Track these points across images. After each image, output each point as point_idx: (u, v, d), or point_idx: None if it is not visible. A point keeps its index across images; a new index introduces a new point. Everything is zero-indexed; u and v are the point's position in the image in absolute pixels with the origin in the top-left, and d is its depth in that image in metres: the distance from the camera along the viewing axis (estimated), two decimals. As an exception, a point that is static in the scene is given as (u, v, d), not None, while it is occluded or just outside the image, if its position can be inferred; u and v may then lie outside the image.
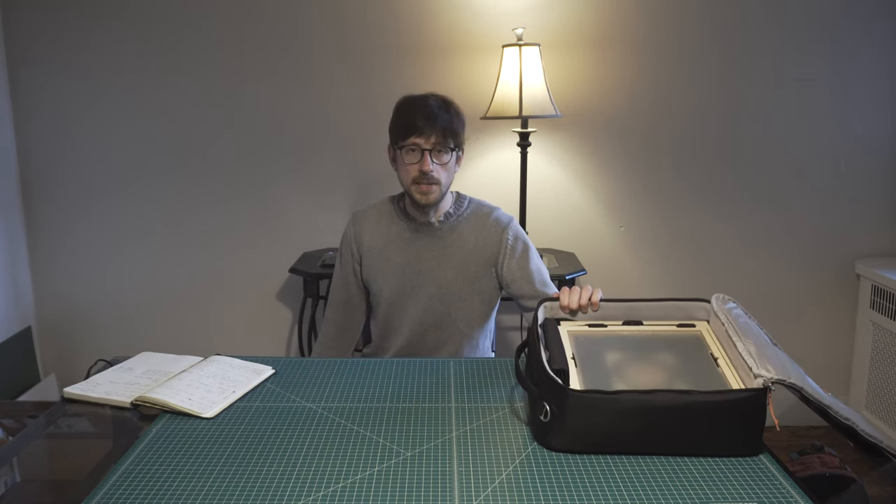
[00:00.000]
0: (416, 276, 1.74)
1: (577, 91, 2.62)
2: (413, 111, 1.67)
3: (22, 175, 2.70)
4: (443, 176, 1.67)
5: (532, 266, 1.74)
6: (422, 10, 2.58)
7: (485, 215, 1.77)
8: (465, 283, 1.74)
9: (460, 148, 1.72)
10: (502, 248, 1.73)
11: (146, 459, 1.10)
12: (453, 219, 1.75)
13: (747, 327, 1.22)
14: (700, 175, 2.69)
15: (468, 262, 1.73)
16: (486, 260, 1.74)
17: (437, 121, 1.65)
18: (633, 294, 2.76)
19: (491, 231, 1.74)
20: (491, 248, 1.73)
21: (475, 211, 1.78)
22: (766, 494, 0.98)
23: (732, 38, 2.59)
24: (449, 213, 1.75)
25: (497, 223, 1.75)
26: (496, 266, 1.74)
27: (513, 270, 1.73)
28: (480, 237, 1.74)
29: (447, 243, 1.74)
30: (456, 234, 1.74)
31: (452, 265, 1.74)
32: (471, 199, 1.80)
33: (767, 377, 1.06)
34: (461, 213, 1.76)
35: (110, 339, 2.80)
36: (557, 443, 1.10)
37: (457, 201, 1.78)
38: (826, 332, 2.79)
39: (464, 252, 1.74)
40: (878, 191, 2.68)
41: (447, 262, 1.74)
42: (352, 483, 1.02)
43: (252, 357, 1.52)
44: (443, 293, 1.74)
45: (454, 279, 1.74)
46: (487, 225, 1.75)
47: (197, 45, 2.61)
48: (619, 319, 1.37)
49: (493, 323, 1.87)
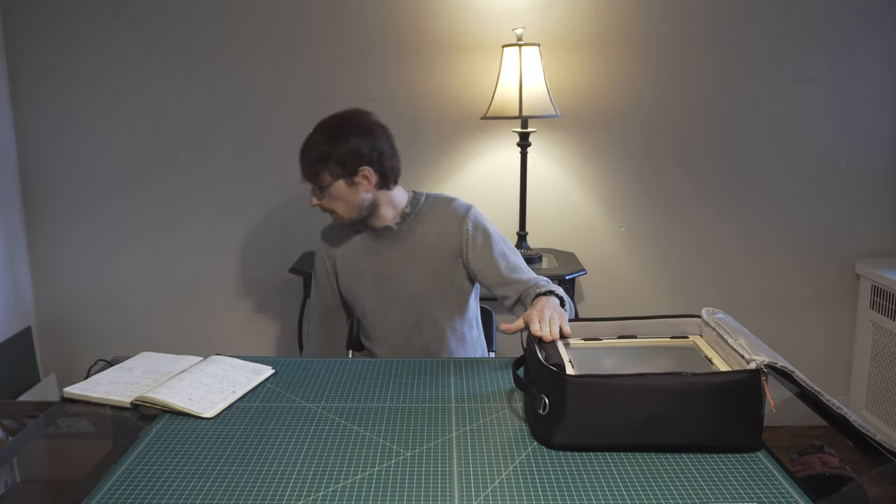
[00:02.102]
0: (388, 281, 1.75)
1: (577, 91, 2.62)
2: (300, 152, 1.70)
3: (22, 175, 2.70)
4: (335, 206, 1.69)
5: (496, 253, 1.73)
6: (422, 10, 2.58)
7: (443, 208, 1.76)
8: (435, 278, 1.74)
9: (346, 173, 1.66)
10: (463, 239, 1.72)
11: (146, 459, 1.10)
12: (411, 217, 1.75)
13: (738, 329, 1.24)
14: (700, 175, 2.69)
15: (433, 257, 1.74)
16: (450, 253, 1.73)
17: (303, 161, 1.67)
18: (633, 294, 2.77)
19: (451, 223, 1.73)
20: (453, 241, 1.73)
21: (433, 206, 1.77)
22: (765, 494, 0.98)
23: (732, 37, 2.59)
24: (406, 213, 1.75)
25: (455, 214, 1.74)
26: (462, 258, 1.74)
27: (478, 260, 1.72)
28: (441, 231, 1.74)
29: (410, 243, 1.75)
30: (417, 232, 1.75)
31: (419, 263, 1.74)
32: (427, 195, 1.80)
33: (760, 360, 1.08)
34: (419, 209, 1.76)
35: (110, 339, 2.80)
36: (557, 437, 1.10)
37: (413, 200, 1.78)
38: (826, 331, 2.79)
39: (428, 248, 1.74)
40: (878, 191, 2.68)
41: (414, 262, 1.74)
42: (352, 483, 1.02)
43: (252, 357, 1.52)
44: (416, 292, 1.75)
45: (424, 277, 1.74)
46: (447, 218, 1.74)
47: (197, 45, 2.61)
48: (614, 335, 1.38)
49: (474, 311, 1.85)
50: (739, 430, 1.09)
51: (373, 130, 1.68)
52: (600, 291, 2.77)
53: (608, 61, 2.61)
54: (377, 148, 1.67)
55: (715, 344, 1.28)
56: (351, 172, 1.66)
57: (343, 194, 1.68)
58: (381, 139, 1.69)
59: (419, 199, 1.78)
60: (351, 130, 1.66)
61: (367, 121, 1.70)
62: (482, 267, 1.72)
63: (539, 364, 1.15)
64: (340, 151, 1.64)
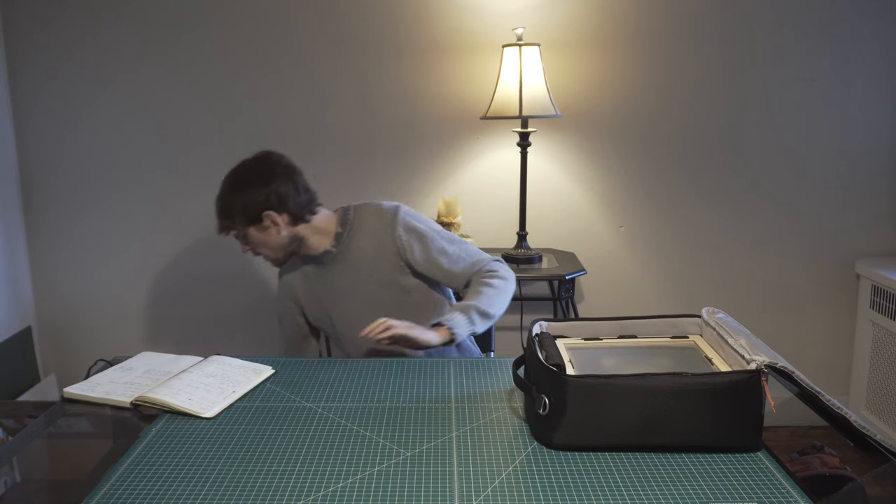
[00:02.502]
0: (346, 301, 1.77)
1: (577, 91, 2.62)
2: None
3: (22, 175, 2.70)
4: (259, 249, 1.75)
5: (435, 253, 1.73)
6: (422, 10, 2.58)
7: (372, 219, 1.77)
8: (387, 287, 1.75)
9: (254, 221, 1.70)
10: (399, 246, 1.73)
11: (146, 459, 1.10)
12: (345, 236, 1.76)
13: (738, 329, 1.24)
14: (700, 175, 2.69)
15: (377, 269, 1.75)
16: (391, 262, 1.75)
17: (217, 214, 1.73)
18: (633, 294, 2.77)
19: (382, 233, 1.75)
20: (390, 250, 1.74)
21: (362, 218, 1.78)
22: (765, 494, 0.98)
23: (732, 37, 2.59)
24: (339, 233, 1.77)
25: (384, 222, 1.75)
26: (403, 262, 1.75)
27: (419, 263, 1.74)
28: (376, 242, 1.75)
29: (351, 261, 1.76)
30: (353, 248, 1.76)
31: (366, 278, 1.75)
32: (355, 208, 1.81)
33: (760, 361, 1.08)
34: (350, 226, 1.77)
35: (110, 339, 2.80)
36: (557, 437, 1.10)
37: (342, 219, 1.78)
38: (826, 331, 2.79)
39: (369, 262, 1.75)
40: (878, 191, 2.68)
41: (361, 277, 1.76)
42: (352, 483, 1.02)
43: (252, 357, 1.52)
44: (374, 304, 1.76)
45: (376, 288, 1.75)
46: (377, 228, 1.75)
47: (196, 45, 2.61)
48: (614, 335, 1.38)
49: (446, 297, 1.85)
50: (739, 430, 1.09)
51: (271, 177, 1.71)
52: (600, 291, 2.77)
53: (608, 61, 2.61)
54: (276, 192, 1.70)
55: (715, 344, 1.28)
56: (255, 220, 1.71)
57: (261, 240, 1.74)
58: (280, 183, 1.71)
59: (348, 216, 1.79)
60: (248, 181, 1.71)
61: (267, 167, 1.73)
62: (425, 268, 1.74)
63: (539, 364, 1.15)
64: (241, 203, 1.70)
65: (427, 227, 1.76)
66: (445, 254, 1.73)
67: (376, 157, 2.68)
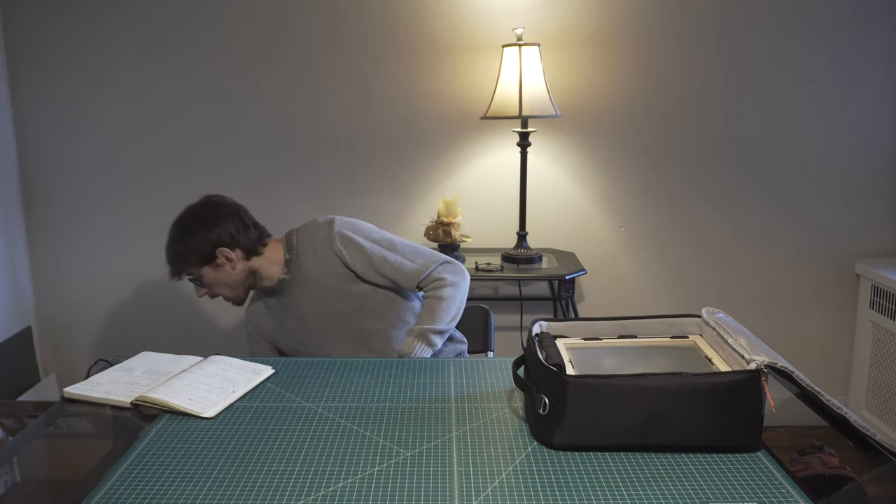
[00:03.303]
0: (311, 324, 1.78)
1: (577, 91, 2.62)
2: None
3: (22, 175, 2.70)
4: (218, 289, 1.76)
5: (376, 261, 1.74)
6: (421, 10, 2.58)
7: (311, 238, 1.78)
8: (344, 300, 1.76)
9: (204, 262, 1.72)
10: (341, 259, 1.74)
11: (146, 459, 1.10)
12: (294, 262, 1.77)
13: (738, 329, 1.24)
14: (700, 175, 2.69)
15: (330, 286, 1.75)
16: (339, 276, 1.75)
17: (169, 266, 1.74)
18: (633, 294, 2.77)
19: (323, 250, 1.75)
20: (335, 265, 1.75)
21: (303, 240, 1.79)
22: (765, 494, 0.98)
23: (733, 38, 2.59)
24: (287, 260, 1.77)
25: (321, 239, 1.76)
26: (353, 272, 1.75)
27: (365, 273, 1.75)
28: (321, 261, 1.75)
29: (304, 283, 1.77)
30: (304, 271, 1.76)
31: (323, 296, 1.76)
32: (297, 232, 1.82)
33: (760, 361, 1.08)
34: (295, 251, 1.78)
35: (110, 339, 2.80)
36: (557, 437, 1.10)
37: (287, 245, 1.79)
38: (826, 331, 2.79)
39: (319, 281, 1.76)
40: (878, 191, 2.68)
41: (318, 298, 1.76)
42: (352, 483, 1.02)
43: (252, 357, 1.52)
44: (340, 320, 1.77)
45: (335, 304, 1.76)
46: (317, 246, 1.76)
47: (196, 45, 2.61)
48: (614, 335, 1.38)
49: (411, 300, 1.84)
50: (739, 430, 1.09)
51: (217, 216, 1.73)
52: (600, 291, 2.77)
53: (608, 61, 2.61)
54: (226, 230, 1.72)
55: (715, 344, 1.28)
56: (209, 259, 1.72)
57: (217, 279, 1.74)
58: (228, 221, 1.73)
59: (292, 242, 1.80)
60: (196, 224, 1.73)
61: (212, 207, 1.76)
62: (370, 277, 1.75)
63: (539, 364, 1.15)
64: (192, 245, 1.71)
65: (364, 239, 1.76)
66: (387, 262, 1.74)
67: (376, 157, 2.68)
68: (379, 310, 1.77)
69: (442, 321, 1.68)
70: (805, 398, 1.16)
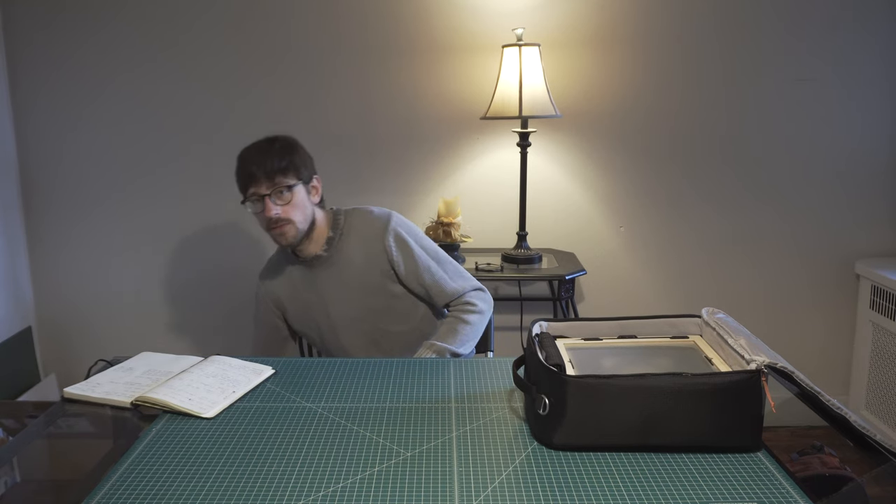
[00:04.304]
0: (333, 307, 1.76)
1: (577, 91, 2.62)
2: (243, 162, 1.70)
3: (22, 175, 2.70)
4: (293, 213, 1.68)
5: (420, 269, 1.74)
6: (421, 10, 2.58)
7: (363, 225, 1.76)
8: (376, 296, 1.75)
9: (305, 180, 1.71)
10: (389, 257, 1.73)
11: (146, 459, 1.10)
12: (336, 241, 1.75)
13: (738, 329, 1.24)
14: (700, 175, 2.69)
15: (366, 277, 1.74)
16: (380, 271, 1.74)
17: (263, 164, 1.66)
18: (633, 294, 2.77)
19: (373, 241, 1.74)
20: (380, 259, 1.74)
21: (352, 223, 1.77)
22: (765, 494, 0.98)
23: (733, 37, 2.59)
24: (330, 238, 1.75)
25: (375, 230, 1.75)
26: (395, 272, 1.75)
27: (404, 275, 1.74)
28: (367, 251, 1.74)
29: (340, 267, 1.75)
30: (344, 254, 1.75)
31: (355, 285, 1.74)
32: (346, 213, 1.80)
33: (760, 361, 1.08)
34: (340, 231, 1.76)
35: (110, 339, 2.80)
36: (557, 437, 1.10)
37: (333, 222, 1.77)
38: (826, 332, 2.79)
39: (358, 270, 1.74)
40: (878, 191, 2.68)
41: (350, 285, 1.75)
42: (352, 483, 1.02)
43: (252, 357, 1.52)
44: (362, 313, 1.76)
45: (364, 297, 1.75)
46: (368, 236, 1.75)
47: (197, 44, 2.61)
48: (614, 335, 1.38)
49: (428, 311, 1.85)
50: (739, 430, 1.09)
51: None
52: (600, 291, 2.77)
53: (608, 61, 2.61)
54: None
55: (715, 344, 1.28)
56: (308, 179, 1.72)
57: (301, 201, 1.70)
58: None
59: (339, 220, 1.78)
60: (298, 143, 1.74)
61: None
62: (408, 281, 1.75)
63: (539, 364, 1.15)
64: (299, 157, 1.71)
65: (416, 243, 1.75)
66: (430, 273, 1.74)
67: (376, 157, 2.68)
68: (403, 314, 1.77)
69: (462, 345, 1.68)
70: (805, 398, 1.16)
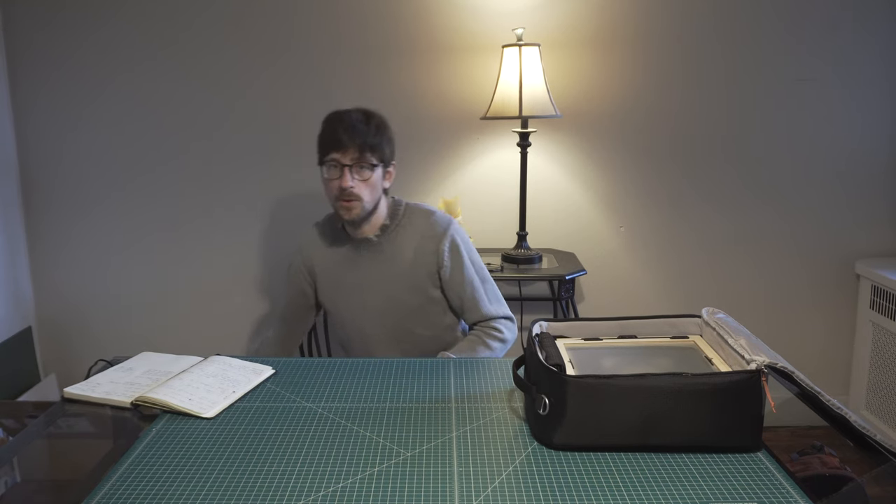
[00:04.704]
0: (367, 293, 1.76)
1: (577, 91, 2.62)
2: (333, 125, 1.67)
3: (22, 174, 2.70)
4: (364, 192, 1.67)
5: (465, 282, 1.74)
6: (422, 10, 2.58)
7: (422, 223, 1.76)
8: (413, 294, 1.75)
9: (386, 163, 1.71)
10: (439, 261, 1.73)
11: (146, 459, 1.10)
12: (391, 230, 1.75)
13: (738, 329, 1.24)
14: (700, 175, 2.69)
15: (411, 273, 1.74)
16: (427, 271, 1.74)
17: (355, 136, 1.64)
18: (633, 294, 2.77)
19: (428, 241, 1.74)
20: (430, 260, 1.73)
21: (412, 218, 1.77)
22: (765, 494, 0.98)
23: (733, 37, 2.59)
24: (385, 226, 1.75)
25: (434, 233, 1.74)
26: (440, 277, 1.75)
27: (447, 282, 1.75)
28: (419, 248, 1.74)
29: (388, 257, 1.75)
30: (395, 246, 1.75)
31: (397, 279, 1.74)
32: (407, 206, 1.79)
33: (760, 361, 1.08)
34: (397, 222, 1.76)
35: (110, 339, 2.80)
36: (557, 437, 1.10)
37: (392, 211, 1.77)
38: (826, 332, 2.79)
39: (405, 264, 1.74)
40: (878, 191, 2.68)
41: (392, 277, 1.74)
42: (352, 483, 1.02)
43: (252, 357, 1.52)
44: (394, 307, 1.75)
45: (401, 292, 1.74)
46: (425, 235, 1.74)
47: (196, 43, 2.61)
48: (614, 335, 1.38)
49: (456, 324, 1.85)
50: (739, 430, 1.09)
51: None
52: (600, 291, 2.77)
53: (608, 61, 2.61)
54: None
55: (715, 344, 1.28)
56: (388, 163, 1.73)
57: (376, 182, 1.70)
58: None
59: (398, 210, 1.77)
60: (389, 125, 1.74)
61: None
62: (450, 289, 1.76)
63: (539, 364, 1.15)
64: (388, 139, 1.71)
65: (468, 256, 1.76)
66: (472, 288, 1.75)
67: (376, 157, 2.68)
68: (432, 319, 1.77)
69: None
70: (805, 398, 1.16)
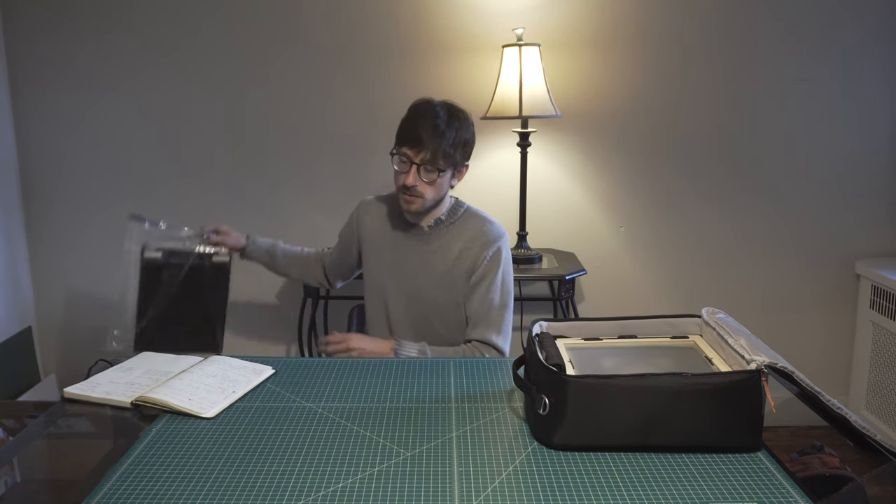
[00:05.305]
0: (401, 277, 1.77)
1: (577, 91, 2.62)
2: (416, 120, 1.66)
3: (22, 175, 2.70)
4: (428, 191, 1.67)
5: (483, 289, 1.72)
6: (422, 10, 2.58)
7: (476, 227, 1.75)
8: (443, 290, 1.75)
9: (457, 167, 1.71)
10: (477, 264, 1.73)
11: (146, 459, 1.10)
12: (443, 226, 1.75)
13: (738, 329, 1.24)
14: (700, 175, 2.69)
15: (449, 271, 1.74)
16: (465, 272, 1.74)
17: (433, 139, 1.63)
18: (633, 294, 2.77)
19: (475, 243, 1.73)
20: (470, 260, 1.73)
21: (468, 221, 1.77)
22: (765, 494, 0.98)
23: (733, 38, 2.59)
24: (440, 220, 1.75)
25: (484, 238, 1.74)
26: (470, 278, 1.74)
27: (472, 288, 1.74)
28: (465, 248, 1.74)
29: (432, 249, 1.75)
30: (443, 241, 1.75)
31: (434, 272, 1.74)
32: (467, 209, 1.79)
33: (760, 361, 1.08)
34: (453, 220, 1.76)
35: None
36: (557, 437, 1.10)
37: (452, 209, 1.77)
38: (826, 332, 2.79)
39: (446, 261, 1.74)
40: (878, 191, 2.68)
41: (429, 268, 1.75)
42: (352, 483, 1.02)
43: (252, 357, 1.52)
44: (421, 296, 1.76)
45: (433, 285, 1.75)
46: (475, 237, 1.74)
47: (197, 46, 2.61)
48: (614, 335, 1.38)
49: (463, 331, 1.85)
50: (739, 430, 1.09)
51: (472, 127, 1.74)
52: (600, 291, 2.77)
53: (608, 61, 2.61)
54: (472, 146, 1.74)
55: (715, 344, 1.28)
56: (461, 165, 1.71)
57: (443, 183, 1.69)
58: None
59: (458, 210, 1.77)
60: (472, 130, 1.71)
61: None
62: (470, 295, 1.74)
63: (539, 364, 1.15)
64: (467, 146, 1.69)
65: (501, 274, 1.74)
66: (487, 304, 1.73)
67: (376, 157, 2.68)
68: (453, 319, 1.77)
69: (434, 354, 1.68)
70: (805, 398, 1.15)
